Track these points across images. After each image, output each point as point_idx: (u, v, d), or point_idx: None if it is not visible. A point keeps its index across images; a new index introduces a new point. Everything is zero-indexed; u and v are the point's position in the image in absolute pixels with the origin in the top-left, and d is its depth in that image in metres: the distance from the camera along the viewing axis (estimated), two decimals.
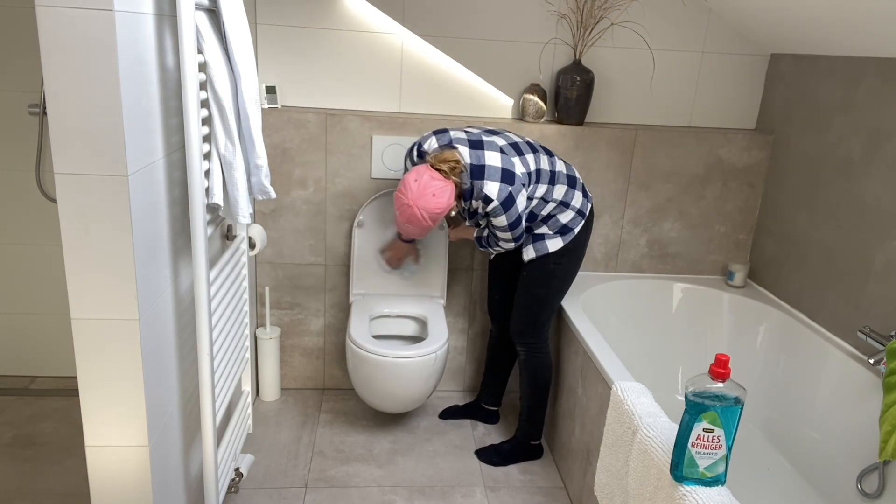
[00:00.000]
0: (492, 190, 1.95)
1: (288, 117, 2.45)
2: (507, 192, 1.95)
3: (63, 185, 1.29)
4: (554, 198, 2.11)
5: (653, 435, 1.57)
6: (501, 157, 1.98)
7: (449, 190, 1.96)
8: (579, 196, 2.16)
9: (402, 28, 2.49)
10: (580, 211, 2.16)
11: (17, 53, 2.40)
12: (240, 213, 1.71)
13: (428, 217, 1.97)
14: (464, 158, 1.98)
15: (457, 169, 1.98)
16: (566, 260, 2.18)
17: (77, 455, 2.27)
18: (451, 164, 1.97)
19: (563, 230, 2.15)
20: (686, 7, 2.56)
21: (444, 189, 1.95)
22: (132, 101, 1.31)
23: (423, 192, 1.94)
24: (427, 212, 1.95)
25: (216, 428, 1.72)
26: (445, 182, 1.96)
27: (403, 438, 2.50)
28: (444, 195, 1.95)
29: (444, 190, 1.95)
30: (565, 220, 2.14)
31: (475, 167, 1.97)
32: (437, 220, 2.00)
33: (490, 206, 1.97)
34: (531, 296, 2.22)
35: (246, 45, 1.65)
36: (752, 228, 2.74)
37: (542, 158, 2.09)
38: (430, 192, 1.94)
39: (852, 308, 2.15)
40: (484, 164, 1.96)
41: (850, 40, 2.11)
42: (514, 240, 2.07)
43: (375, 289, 2.60)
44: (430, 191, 1.94)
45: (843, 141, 2.23)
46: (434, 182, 1.95)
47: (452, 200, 1.99)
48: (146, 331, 1.44)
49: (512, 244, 2.10)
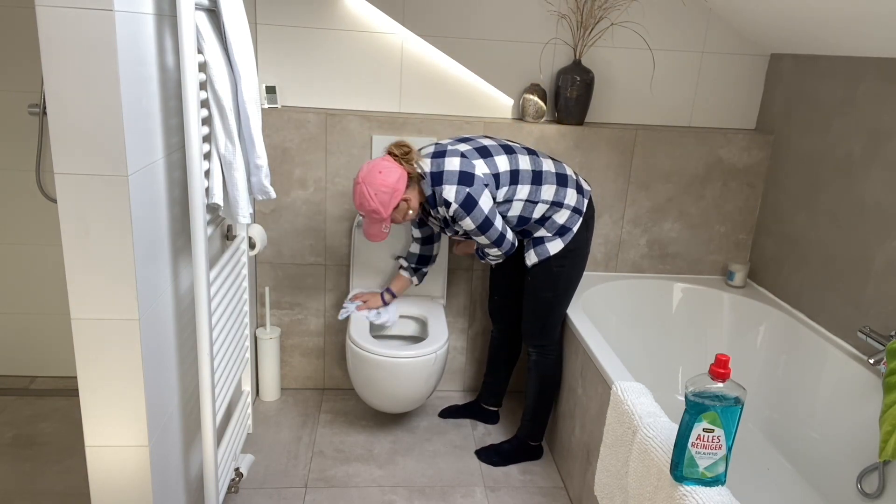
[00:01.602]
0: (449, 193, 1.97)
1: (288, 117, 2.45)
2: (464, 194, 1.96)
3: (63, 185, 1.29)
4: (543, 198, 2.10)
5: (653, 435, 1.57)
6: (461, 160, 2.00)
7: (397, 173, 1.97)
8: (573, 194, 2.14)
9: (402, 28, 2.49)
10: (576, 209, 2.14)
11: (17, 53, 2.40)
12: (240, 213, 1.71)
13: (374, 196, 1.95)
14: (424, 169, 2.01)
15: (409, 156, 2.01)
16: (569, 262, 2.17)
17: (77, 455, 2.27)
18: (404, 149, 2.01)
19: (561, 231, 2.14)
20: (686, 7, 2.56)
21: (392, 169, 1.97)
22: (132, 101, 1.31)
23: (371, 170, 1.97)
24: (373, 188, 1.95)
25: (216, 428, 1.72)
26: (396, 165, 1.98)
27: (403, 438, 2.50)
28: (392, 175, 1.96)
29: (391, 170, 1.97)
30: (562, 220, 2.13)
31: (435, 174, 2.00)
32: (386, 204, 1.97)
33: (451, 210, 1.98)
34: (539, 300, 2.22)
35: (246, 45, 1.65)
36: (752, 228, 2.74)
37: (521, 159, 2.08)
38: (377, 170, 1.97)
39: (852, 308, 2.15)
40: (443, 171, 1.99)
41: (850, 40, 2.11)
42: (496, 245, 2.08)
43: (375, 289, 2.60)
44: (378, 169, 1.97)
45: (843, 141, 2.23)
46: (383, 163, 1.99)
47: (401, 185, 1.97)
48: (146, 331, 1.44)
49: (497, 251, 2.11)
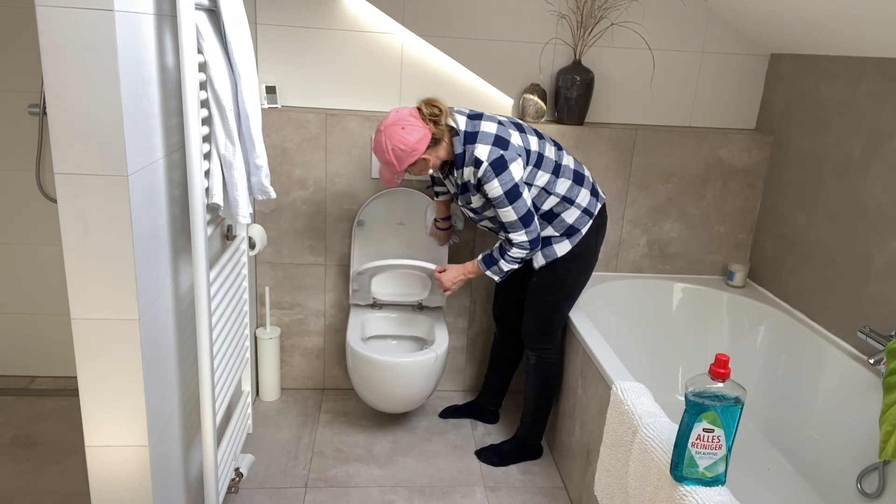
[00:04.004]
0: (482, 152, 1.92)
1: (288, 117, 2.45)
2: (497, 154, 1.91)
3: (63, 185, 1.29)
4: (557, 191, 2.06)
5: (653, 435, 1.57)
6: (498, 126, 1.97)
7: (421, 132, 1.91)
8: (586, 194, 2.11)
9: (402, 28, 2.49)
10: (587, 210, 2.11)
11: (17, 53, 2.40)
12: (240, 213, 1.71)
13: (391, 150, 1.91)
14: (459, 125, 1.96)
15: (438, 118, 1.94)
16: (575, 265, 2.15)
17: (77, 455, 2.27)
18: (433, 108, 1.94)
19: (569, 231, 2.11)
20: (686, 7, 2.56)
21: (416, 128, 1.91)
22: (132, 101, 1.31)
23: (395, 122, 1.91)
24: (391, 142, 1.90)
25: (216, 428, 1.72)
26: (421, 124, 1.92)
27: (403, 438, 2.50)
28: (414, 134, 1.90)
29: (415, 128, 1.91)
30: (571, 219, 2.10)
31: (469, 133, 1.95)
32: (401, 160, 1.92)
33: (481, 170, 1.92)
34: (543, 302, 2.21)
35: (246, 45, 1.65)
36: (752, 228, 2.74)
37: (548, 147, 2.06)
38: (400, 125, 1.91)
39: (852, 308, 2.15)
40: (478, 131, 1.95)
41: (850, 40, 2.11)
42: (524, 224, 1.95)
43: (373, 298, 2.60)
44: (402, 124, 1.91)
45: (843, 141, 2.23)
46: (409, 118, 1.92)
47: (421, 146, 1.91)
48: (146, 331, 1.44)
49: (524, 236, 1.97)
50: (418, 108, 1.96)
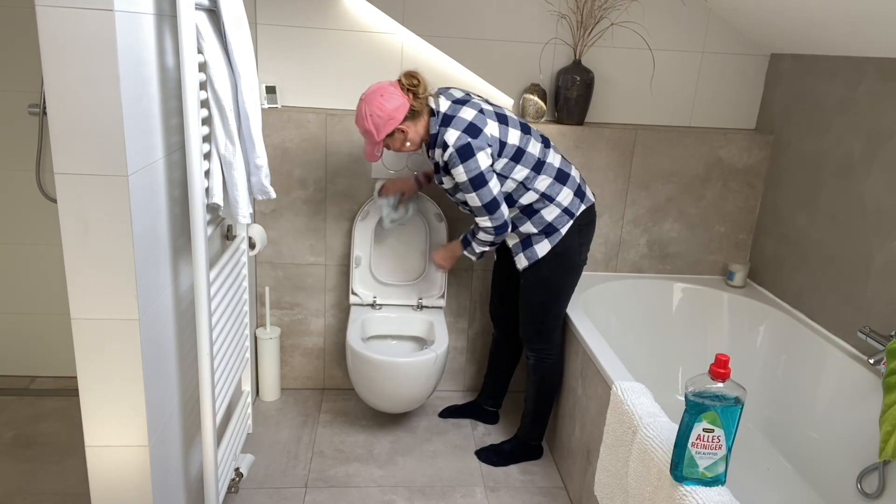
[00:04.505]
0: (450, 137, 1.95)
1: (288, 117, 2.45)
2: (465, 141, 1.94)
3: (63, 185, 1.29)
4: (536, 188, 2.07)
5: (653, 435, 1.57)
6: (476, 114, 1.99)
7: (398, 101, 1.95)
8: (568, 193, 2.10)
9: (402, 28, 2.49)
10: (567, 210, 2.10)
11: (17, 53, 2.40)
12: (240, 213, 1.71)
13: (369, 116, 1.96)
14: (440, 107, 2.00)
15: (416, 88, 1.98)
16: (557, 265, 2.14)
17: (77, 455, 2.27)
18: (412, 80, 1.99)
19: (548, 230, 2.10)
20: (686, 7, 2.57)
21: (394, 96, 1.95)
22: (132, 101, 1.31)
23: (375, 91, 1.97)
24: (369, 109, 1.95)
25: (216, 428, 1.72)
26: (400, 93, 1.97)
27: (403, 438, 2.50)
28: (392, 102, 1.95)
29: (392, 97, 1.95)
30: (550, 217, 2.09)
31: (446, 116, 1.98)
32: (379, 128, 1.96)
33: (447, 154, 1.96)
34: (532, 303, 2.21)
35: (246, 45, 1.65)
36: (752, 228, 2.74)
37: (532, 142, 2.06)
38: (379, 93, 1.96)
39: (852, 308, 2.15)
40: (455, 115, 1.98)
41: (850, 40, 2.11)
42: (488, 211, 2.01)
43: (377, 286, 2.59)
44: (381, 92, 1.96)
45: (843, 141, 2.23)
46: (389, 87, 1.97)
47: (398, 115, 1.95)
48: (146, 331, 1.44)
49: (489, 221, 2.03)
50: (399, 80, 2.00)
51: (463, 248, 2.21)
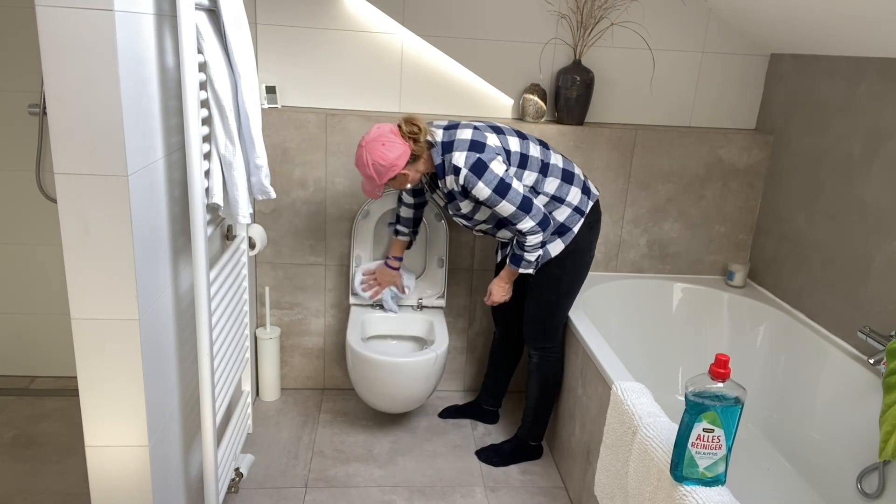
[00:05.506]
0: (459, 159, 1.95)
1: (288, 117, 2.45)
2: (474, 158, 1.94)
3: (63, 185, 1.29)
4: (545, 191, 2.08)
5: (653, 435, 1.57)
6: (473, 132, 2.00)
7: (400, 149, 1.96)
8: (576, 192, 2.12)
9: (402, 28, 2.49)
10: (578, 208, 2.12)
11: (17, 53, 2.40)
12: (240, 213, 1.71)
13: (371, 165, 1.96)
14: (436, 138, 2.01)
15: (417, 135, 1.99)
16: (569, 263, 2.16)
17: (77, 455, 2.27)
18: (413, 127, 1.99)
19: (561, 230, 2.12)
20: (686, 7, 2.57)
21: (396, 145, 1.96)
22: (132, 101, 1.31)
23: (376, 138, 1.97)
24: (371, 157, 1.95)
25: (216, 428, 1.72)
26: (401, 140, 1.97)
27: (403, 438, 2.50)
28: (394, 150, 1.95)
29: (394, 145, 1.95)
30: (562, 217, 2.11)
31: (446, 143, 1.99)
32: (381, 174, 1.97)
33: (461, 177, 1.96)
34: (541, 302, 2.21)
35: (246, 45, 1.65)
36: (752, 228, 2.74)
37: (532, 146, 2.08)
38: (380, 142, 1.96)
39: (852, 308, 2.15)
40: (454, 139, 1.99)
41: (850, 40, 2.11)
42: (525, 211, 1.96)
43: None
44: (382, 140, 1.96)
45: (843, 141, 2.23)
46: (390, 135, 1.97)
47: (400, 162, 1.96)
48: (146, 331, 1.44)
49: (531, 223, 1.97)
50: (398, 126, 2.00)
51: (518, 268, 2.09)
